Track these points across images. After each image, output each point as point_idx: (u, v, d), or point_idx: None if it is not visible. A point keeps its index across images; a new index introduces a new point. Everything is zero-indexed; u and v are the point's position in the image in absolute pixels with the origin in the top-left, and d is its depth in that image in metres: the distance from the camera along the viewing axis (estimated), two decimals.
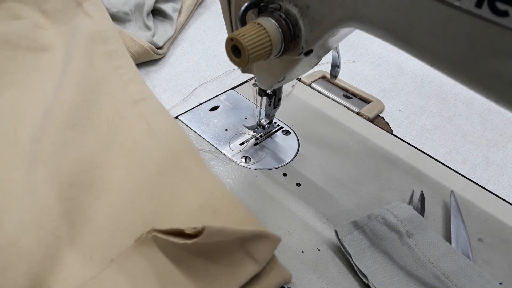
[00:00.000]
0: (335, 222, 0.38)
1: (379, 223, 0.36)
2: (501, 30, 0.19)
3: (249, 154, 0.44)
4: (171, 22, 0.60)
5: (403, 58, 0.61)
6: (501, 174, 0.45)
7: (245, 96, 0.52)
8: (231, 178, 0.41)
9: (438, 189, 0.42)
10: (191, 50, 0.60)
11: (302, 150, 0.45)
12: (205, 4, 0.70)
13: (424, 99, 0.55)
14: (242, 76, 0.54)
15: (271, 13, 0.30)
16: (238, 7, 0.31)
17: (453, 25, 0.21)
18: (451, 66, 0.23)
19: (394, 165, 0.44)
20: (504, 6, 0.19)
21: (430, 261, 0.34)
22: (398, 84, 0.57)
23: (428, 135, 0.49)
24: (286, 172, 0.42)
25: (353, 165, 0.44)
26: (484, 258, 0.36)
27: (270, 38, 0.29)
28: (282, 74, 0.35)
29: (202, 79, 0.54)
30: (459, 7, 0.20)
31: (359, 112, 0.50)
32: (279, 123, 0.48)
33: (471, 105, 0.54)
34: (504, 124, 0.52)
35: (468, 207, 0.40)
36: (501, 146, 0.49)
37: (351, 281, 0.34)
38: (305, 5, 0.29)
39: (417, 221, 0.36)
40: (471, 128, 0.51)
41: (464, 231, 0.37)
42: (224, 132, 0.46)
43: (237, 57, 0.29)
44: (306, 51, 0.31)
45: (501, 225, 0.39)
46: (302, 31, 0.30)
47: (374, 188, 0.42)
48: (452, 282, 0.32)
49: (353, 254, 0.34)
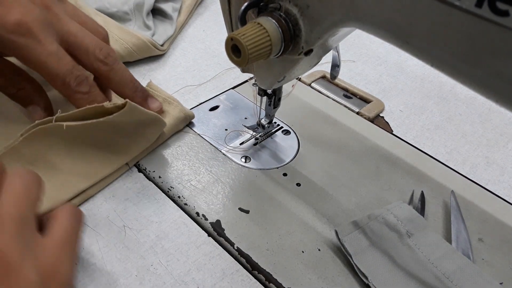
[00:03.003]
0: (335, 222, 0.38)
1: (379, 223, 0.36)
2: (501, 30, 0.19)
3: (249, 154, 0.44)
4: (171, 21, 0.60)
5: (403, 58, 0.61)
6: (501, 174, 0.45)
7: (245, 96, 0.51)
8: (231, 178, 0.41)
9: (438, 189, 0.42)
10: (191, 50, 0.60)
11: (302, 150, 0.45)
12: (205, 3, 0.70)
13: (424, 99, 0.55)
14: (242, 76, 0.54)
15: (271, 13, 0.30)
16: (238, 7, 0.31)
17: (453, 25, 0.21)
18: (451, 66, 0.23)
19: (394, 165, 0.44)
20: (504, 6, 0.19)
21: (430, 261, 0.34)
22: (398, 84, 0.57)
23: (428, 135, 0.49)
24: (286, 172, 0.42)
25: (353, 165, 0.44)
26: (484, 258, 0.36)
27: (270, 37, 0.29)
28: (282, 74, 0.35)
29: (202, 79, 0.54)
30: (459, 7, 0.20)
31: (359, 112, 0.50)
32: (279, 123, 0.48)
33: (471, 105, 0.54)
34: (504, 124, 0.52)
35: (468, 207, 0.40)
36: (501, 146, 0.49)
37: (351, 281, 0.34)
38: (305, 5, 0.29)
39: (417, 221, 0.36)
40: (471, 128, 0.51)
41: (464, 231, 0.37)
42: (224, 131, 0.46)
43: (237, 56, 0.29)
44: (306, 51, 0.31)
45: (501, 225, 0.39)
46: (302, 31, 0.30)
47: (374, 188, 0.41)
48: (452, 282, 0.32)
49: (353, 254, 0.34)
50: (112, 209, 0.38)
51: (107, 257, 0.34)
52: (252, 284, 0.33)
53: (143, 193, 0.39)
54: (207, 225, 0.37)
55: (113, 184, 0.40)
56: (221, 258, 0.35)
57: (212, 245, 0.36)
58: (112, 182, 0.40)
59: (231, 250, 0.36)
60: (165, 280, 0.33)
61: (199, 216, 0.38)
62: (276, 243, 0.36)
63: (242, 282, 0.34)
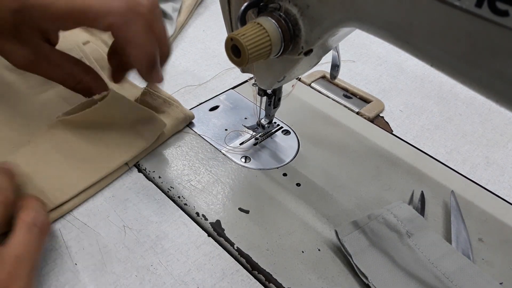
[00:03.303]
0: (335, 222, 0.38)
1: (379, 223, 0.36)
2: (501, 30, 0.19)
3: (249, 154, 0.44)
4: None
5: (403, 58, 0.61)
6: (501, 174, 0.45)
7: (245, 96, 0.51)
8: (231, 178, 0.41)
9: (438, 189, 0.42)
10: (190, 50, 0.60)
11: (302, 150, 0.45)
12: (205, 3, 0.70)
13: (424, 99, 0.55)
14: (242, 76, 0.54)
15: (270, 13, 0.30)
16: (238, 7, 0.31)
17: (453, 25, 0.21)
18: (451, 66, 0.23)
19: (394, 165, 0.44)
20: (504, 6, 0.19)
21: (430, 261, 0.34)
22: (398, 84, 0.57)
23: (428, 135, 0.49)
24: (286, 172, 0.42)
25: (353, 165, 0.44)
26: (484, 258, 0.36)
27: (270, 37, 0.29)
28: (282, 74, 0.35)
29: (202, 79, 0.54)
30: (459, 7, 0.20)
31: (359, 112, 0.50)
32: (279, 123, 0.48)
33: (471, 105, 0.54)
34: (504, 124, 0.52)
35: (468, 207, 0.40)
36: (501, 146, 0.49)
37: (351, 281, 0.34)
38: (305, 5, 0.29)
39: (417, 221, 0.36)
40: (471, 128, 0.51)
41: (464, 231, 0.37)
42: (224, 132, 0.46)
43: (237, 56, 0.29)
44: (306, 51, 0.31)
45: (501, 225, 0.39)
46: (302, 31, 0.30)
47: (374, 188, 0.41)
48: (452, 282, 0.32)
49: (353, 254, 0.34)
50: (112, 209, 0.38)
51: (107, 257, 0.34)
52: (252, 284, 0.34)
53: (143, 193, 0.39)
54: (207, 225, 0.37)
55: (113, 184, 0.40)
56: (221, 258, 0.35)
57: (212, 245, 0.36)
58: (112, 182, 0.40)
59: (231, 250, 0.36)
60: (165, 280, 0.33)
61: (199, 216, 0.38)
62: (276, 243, 0.36)
63: (242, 282, 0.34)
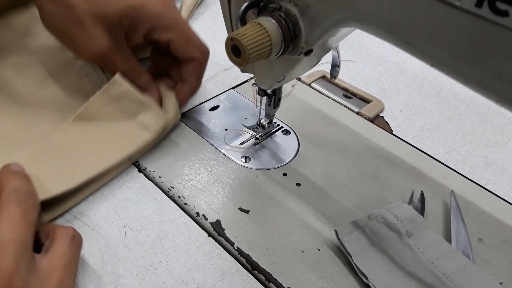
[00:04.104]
0: (335, 222, 0.38)
1: (379, 223, 0.36)
2: (501, 30, 0.19)
3: (249, 154, 0.44)
4: None
5: (403, 58, 0.61)
6: (501, 174, 0.45)
7: (245, 96, 0.51)
8: (231, 178, 0.41)
9: (438, 189, 0.42)
10: None
11: (302, 150, 0.45)
12: (205, 3, 0.70)
13: (424, 99, 0.55)
14: (242, 76, 0.54)
15: (271, 13, 0.30)
16: (238, 7, 0.31)
17: (453, 25, 0.21)
18: (451, 66, 0.23)
19: (394, 165, 0.44)
20: (504, 6, 0.19)
21: (430, 261, 0.34)
22: (398, 84, 0.57)
23: (428, 135, 0.49)
24: (286, 172, 0.42)
25: (353, 165, 0.44)
26: (484, 258, 0.36)
27: (270, 37, 0.29)
28: (282, 74, 0.35)
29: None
30: (459, 7, 0.20)
31: (359, 112, 0.50)
32: (279, 123, 0.48)
33: (471, 105, 0.54)
34: (504, 124, 0.52)
35: (468, 207, 0.40)
36: (501, 146, 0.49)
37: (351, 281, 0.34)
38: (305, 5, 0.29)
39: (417, 221, 0.36)
40: (471, 128, 0.51)
41: (464, 231, 0.37)
42: (224, 131, 0.46)
43: (237, 56, 0.29)
44: (306, 51, 0.31)
45: (501, 225, 0.39)
46: (302, 31, 0.30)
47: (374, 188, 0.42)
48: (452, 282, 0.32)
49: (353, 254, 0.34)
50: (112, 209, 0.38)
51: (107, 257, 0.34)
52: (252, 284, 0.34)
53: (143, 193, 0.39)
54: (207, 225, 0.37)
55: (113, 184, 0.40)
56: (221, 258, 0.35)
57: (212, 245, 0.36)
58: (112, 181, 0.40)
59: (231, 250, 0.36)
60: (165, 280, 0.33)
61: (199, 216, 0.38)
62: (276, 243, 0.36)
63: (242, 282, 0.34)
